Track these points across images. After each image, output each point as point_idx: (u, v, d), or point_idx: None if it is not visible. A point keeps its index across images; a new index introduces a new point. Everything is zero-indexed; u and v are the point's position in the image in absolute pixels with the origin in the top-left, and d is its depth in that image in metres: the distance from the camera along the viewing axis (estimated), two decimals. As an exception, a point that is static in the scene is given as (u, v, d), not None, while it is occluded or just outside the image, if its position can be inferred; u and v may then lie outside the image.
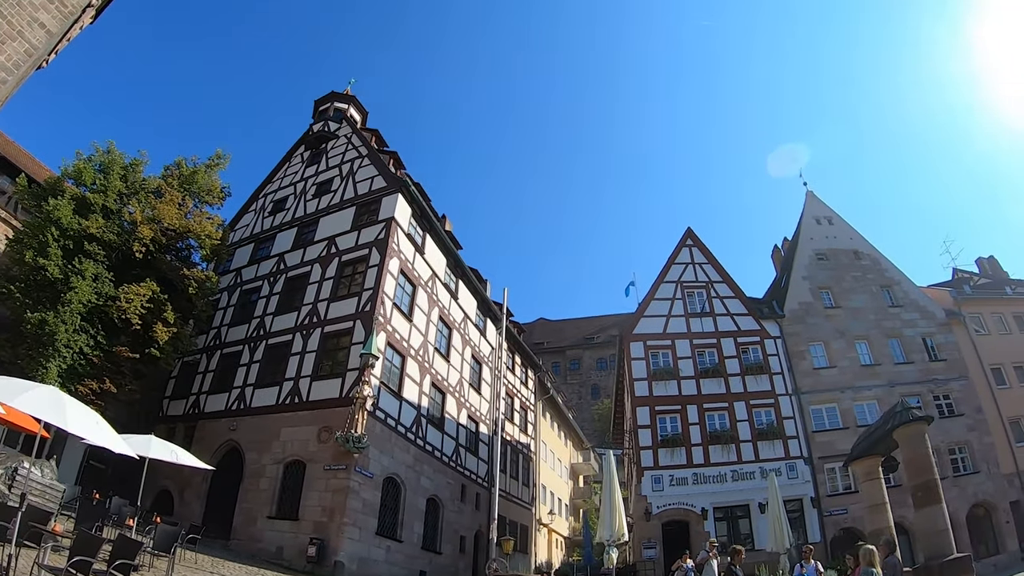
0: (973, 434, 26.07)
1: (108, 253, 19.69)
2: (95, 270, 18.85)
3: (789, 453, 24.60)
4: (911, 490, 12.58)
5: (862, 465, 14.46)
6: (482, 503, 26.57)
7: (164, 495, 20.93)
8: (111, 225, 19.91)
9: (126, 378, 19.92)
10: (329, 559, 16.85)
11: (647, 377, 25.89)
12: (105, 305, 18.93)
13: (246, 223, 27.45)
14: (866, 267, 30.43)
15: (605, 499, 16.23)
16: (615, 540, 15.75)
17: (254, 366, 21.90)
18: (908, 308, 29.30)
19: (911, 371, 27.41)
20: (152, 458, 12.99)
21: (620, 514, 16.03)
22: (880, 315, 28.89)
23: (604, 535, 15.72)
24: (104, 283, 19.07)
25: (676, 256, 29.21)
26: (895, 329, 28.54)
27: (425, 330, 23.22)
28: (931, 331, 28.67)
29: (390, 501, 19.89)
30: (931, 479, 11.97)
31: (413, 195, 23.58)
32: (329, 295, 21.73)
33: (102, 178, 20.38)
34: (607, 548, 15.73)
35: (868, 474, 14.34)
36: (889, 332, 28.39)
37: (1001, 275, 36.43)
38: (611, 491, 16.26)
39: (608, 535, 15.69)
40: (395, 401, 20.71)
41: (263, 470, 19.35)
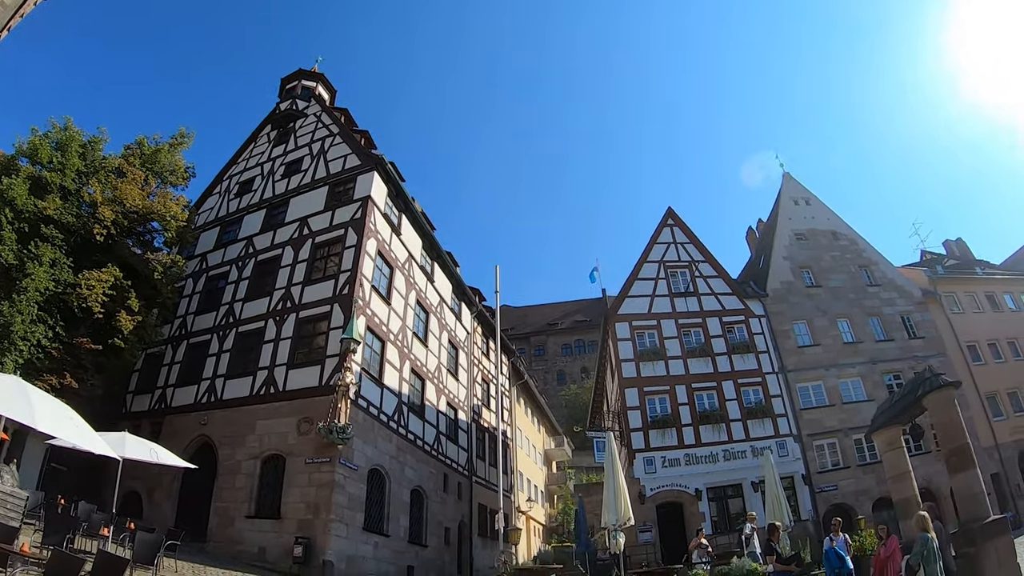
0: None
1: (67, 237, 18.21)
2: (53, 255, 17.34)
3: (779, 431, 24.30)
4: (945, 455, 12.14)
5: (884, 435, 13.93)
6: (464, 492, 25.63)
7: (132, 497, 19.27)
8: (69, 207, 18.44)
9: (88, 372, 18.35)
10: (317, 559, 15.65)
11: (634, 358, 25.23)
12: (64, 293, 17.40)
13: (210, 206, 25.80)
14: (844, 247, 30.53)
15: (608, 482, 15.38)
16: (621, 524, 14.93)
17: (224, 356, 20.42)
18: (886, 287, 29.50)
19: (892, 348, 27.50)
20: (129, 458, 11.60)
21: (625, 497, 15.26)
22: (860, 294, 28.98)
23: (609, 519, 14.89)
24: (63, 269, 17.55)
25: (658, 236, 28.60)
26: (875, 308, 28.65)
27: (403, 314, 22.08)
28: (909, 309, 28.94)
29: (375, 494, 18.72)
30: (964, 443, 11.47)
31: (389, 174, 22.40)
32: (303, 279, 20.40)
33: (59, 156, 18.86)
34: (613, 533, 14.88)
35: (890, 444, 13.84)
36: (869, 311, 28.48)
37: (969, 257, 36.99)
38: (614, 474, 15.44)
39: (614, 519, 14.87)
40: (376, 388, 19.54)
41: (238, 466, 17.96)
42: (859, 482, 24.06)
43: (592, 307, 73.76)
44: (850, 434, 24.85)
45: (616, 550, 14.75)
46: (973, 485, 11.08)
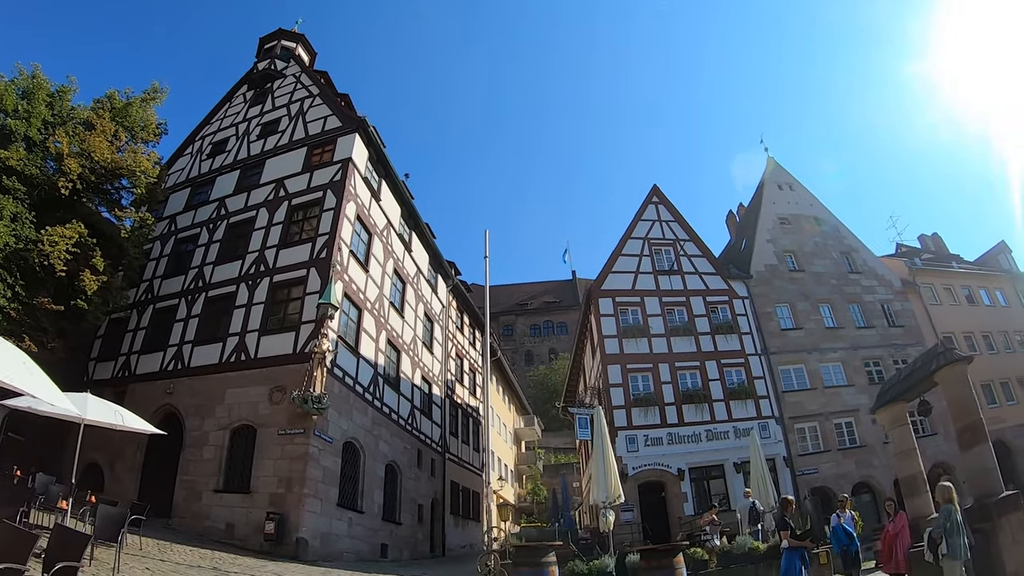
0: (930, 397, 25.79)
1: (29, 191, 16.83)
2: (14, 208, 16.00)
3: (761, 413, 23.83)
4: (957, 431, 11.68)
5: (890, 411, 13.43)
6: (437, 469, 24.81)
7: (93, 469, 18.07)
8: (34, 158, 17.08)
9: (48, 335, 17.01)
10: (290, 536, 14.67)
11: (617, 334, 24.49)
12: (25, 250, 16.01)
13: (181, 167, 24.34)
14: (826, 233, 30.23)
15: (597, 459, 14.70)
16: (611, 502, 14.27)
17: (192, 321, 19.20)
18: (867, 275, 29.32)
19: (872, 335, 27.31)
20: (90, 422, 10.49)
21: (615, 474, 14.62)
22: (841, 280, 28.71)
23: (599, 497, 14.23)
24: (24, 224, 16.17)
25: (643, 213, 27.87)
26: (856, 295, 28.42)
27: (381, 282, 21.04)
28: (888, 298, 28.79)
29: (349, 469, 17.73)
30: (977, 419, 10.97)
31: (371, 137, 21.27)
32: (278, 242, 19.24)
33: (25, 104, 17.42)
34: (603, 511, 14.20)
35: (896, 420, 13.37)
36: (850, 297, 28.23)
37: (944, 252, 37.10)
38: (603, 451, 14.76)
39: (604, 496, 14.21)
40: (353, 358, 18.53)
41: (206, 438, 16.84)
42: (839, 466, 23.79)
43: (562, 288, 73.25)
44: (831, 418, 24.59)
45: (606, 528, 14.07)
46: (986, 460, 10.63)
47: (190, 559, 11.67)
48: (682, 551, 11.25)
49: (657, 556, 10.98)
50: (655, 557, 10.98)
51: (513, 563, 10.76)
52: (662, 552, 11.14)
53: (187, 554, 12.14)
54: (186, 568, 10.55)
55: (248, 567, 11.81)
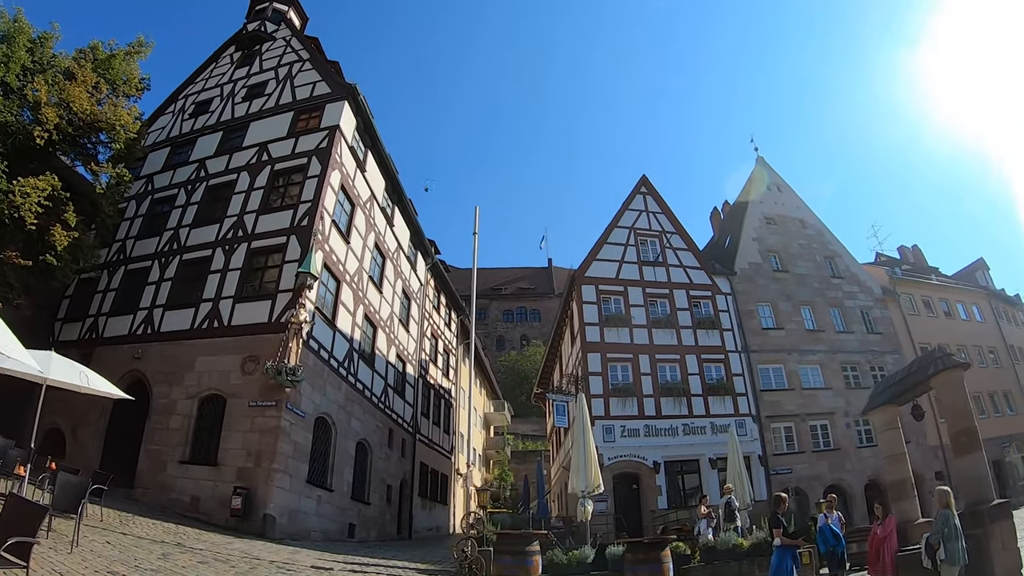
0: (904, 406, 26.05)
1: (3, 139, 15.99)
2: (-15, 156, 15.14)
3: (738, 410, 23.61)
4: (952, 436, 11.50)
5: (882, 414, 13.21)
6: (407, 450, 24.16)
7: (54, 434, 17.23)
8: (10, 105, 16.23)
9: (14, 291, 16.19)
10: (257, 512, 14.01)
11: (598, 322, 23.99)
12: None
13: (162, 126, 23.27)
14: (811, 236, 30.13)
15: (578, 447, 14.22)
16: (590, 491, 13.83)
17: (165, 285, 18.35)
18: (849, 280, 29.28)
19: (851, 340, 27.28)
20: (53, 383, 9.69)
21: (595, 463, 14.17)
22: (823, 284, 28.60)
23: (579, 486, 13.76)
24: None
25: (630, 202, 27.36)
26: (837, 299, 28.34)
27: (361, 255, 20.33)
28: (868, 305, 28.78)
29: (320, 445, 17.08)
30: (972, 426, 10.78)
31: (361, 106, 20.49)
32: (258, 207, 18.46)
33: (4, 48, 16.41)
34: (581, 500, 13.74)
35: (888, 423, 13.16)
36: (831, 301, 28.13)
37: (923, 264, 37.27)
38: (584, 439, 14.27)
39: (583, 486, 13.74)
40: (329, 331, 17.86)
41: (174, 406, 16.07)
42: (813, 467, 23.68)
43: (537, 276, 72.54)
44: (807, 419, 24.48)
45: (584, 518, 13.62)
46: (979, 467, 10.48)
47: (153, 533, 11.01)
48: (668, 545, 10.85)
49: (644, 549, 10.59)
50: (642, 550, 10.58)
51: (495, 551, 10.26)
52: (649, 545, 10.74)
53: (150, 528, 11.49)
54: (149, 543, 9.90)
55: (214, 544, 11.15)
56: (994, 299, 34.50)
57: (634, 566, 10.44)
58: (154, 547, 9.60)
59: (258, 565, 9.70)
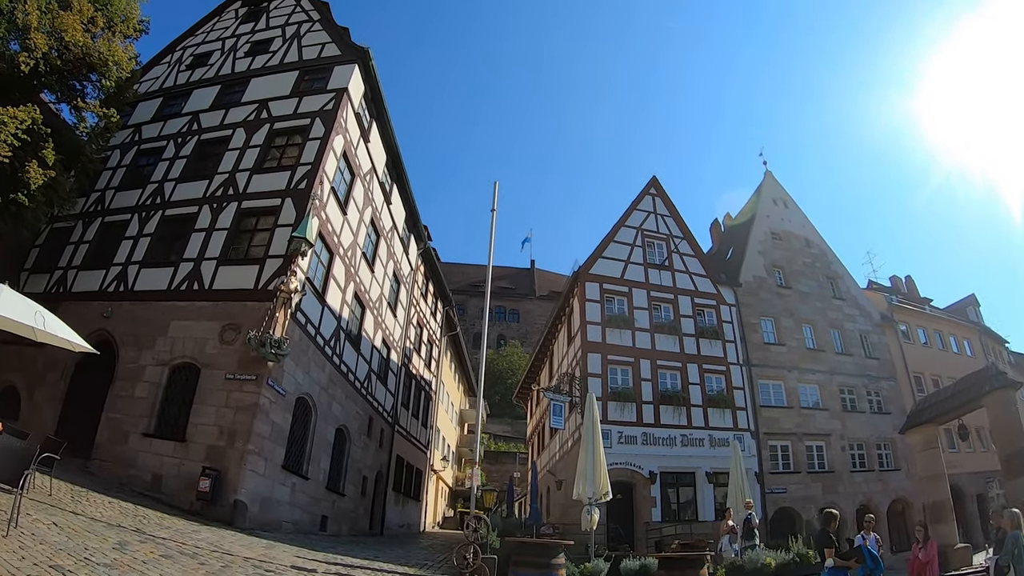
0: (897, 433, 25.05)
1: None
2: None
3: (737, 424, 22.26)
4: (1002, 458, 10.25)
5: (922, 433, 11.98)
6: (386, 441, 22.40)
7: (8, 393, 15.36)
8: (-6, 26, 14.35)
9: (-22, 232, 14.35)
10: (226, 497, 12.27)
11: (601, 322, 22.46)
12: None
13: (155, 75, 21.29)
14: (815, 255, 29.06)
15: (587, 451, 12.80)
16: (597, 498, 12.40)
17: (143, 240, 16.45)
18: (849, 303, 28.29)
19: (850, 363, 26.22)
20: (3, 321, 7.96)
21: (604, 468, 12.77)
22: (825, 304, 27.53)
23: (585, 492, 12.34)
24: None
25: (639, 202, 25.93)
26: (837, 320, 27.30)
27: (356, 230, 18.58)
28: (867, 329, 27.83)
29: (299, 428, 15.28)
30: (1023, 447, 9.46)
31: (371, 72, 18.81)
32: (253, 165, 16.67)
33: (-6, -35, 14.60)
34: (588, 508, 12.27)
35: (927, 443, 11.97)
36: (832, 322, 27.09)
37: (915, 295, 36.50)
38: (594, 442, 12.93)
39: (591, 492, 12.37)
40: (318, 306, 16.12)
41: (141, 372, 14.19)
42: (807, 488, 22.47)
43: (519, 276, 70.97)
44: (804, 439, 23.29)
45: (591, 527, 12.15)
46: None
47: (109, 514, 9.25)
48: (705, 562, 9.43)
49: (681, 566, 9.10)
50: (679, 567, 9.09)
51: (513, 562, 8.69)
52: (687, 561, 9.28)
53: (105, 507, 9.74)
54: (103, 527, 8.15)
55: (178, 531, 9.41)
56: (984, 336, 33.82)
57: None
58: (109, 533, 7.86)
59: (231, 563, 7.99)
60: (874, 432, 24.76)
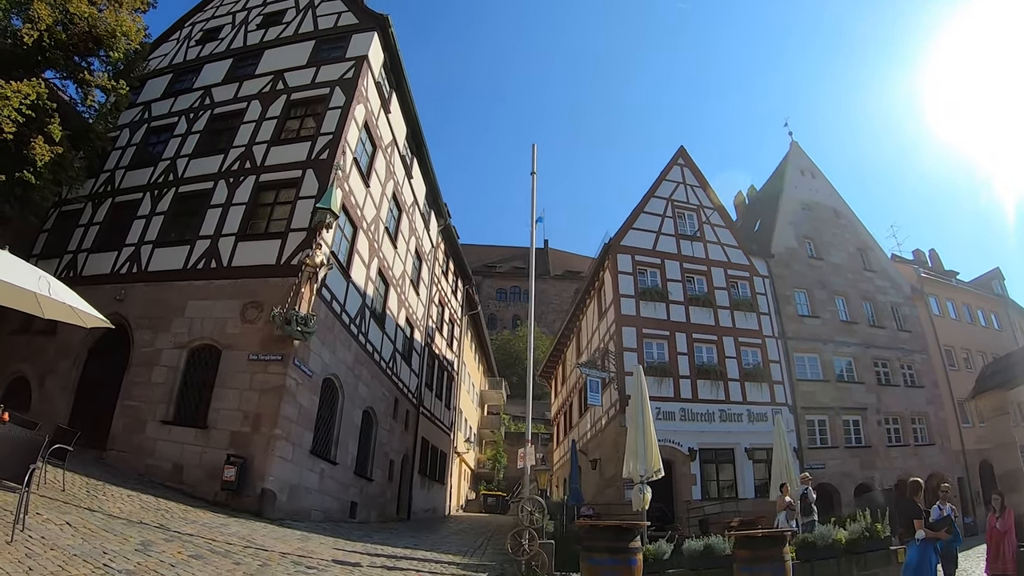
0: (931, 407, 24.16)
1: None
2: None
3: (775, 399, 20.99)
4: None
5: (992, 399, 10.79)
6: (411, 423, 21.30)
7: (19, 383, 14.32)
8: (-2, 0, 13.24)
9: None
10: (253, 486, 11.18)
11: (634, 295, 21.15)
12: None
13: (164, 52, 20.01)
14: (844, 226, 27.60)
15: (636, 427, 11.57)
16: (648, 476, 11.16)
17: (156, 219, 15.25)
18: (880, 275, 26.89)
19: (883, 336, 24.87)
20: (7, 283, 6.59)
21: (655, 445, 11.44)
22: (856, 276, 26.13)
23: (636, 470, 11.12)
24: None
25: (667, 173, 24.50)
26: (869, 292, 25.91)
27: (379, 204, 17.32)
28: (898, 302, 26.46)
29: (326, 411, 14.15)
30: None
31: (390, 40, 17.50)
32: (270, 137, 15.43)
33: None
34: (639, 487, 11.10)
35: (997, 408, 10.85)
36: (864, 294, 25.70)
37: (940, 269, 35.05)
38: (643, 417, 11.67)
39: (642, 470, 11.10)
40: (343, 282, 14.94)
41: (158, 356, 13.07)
42: (844, 464, 21.28)
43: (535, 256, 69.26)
44: (841, 413, 22.04)
45: (642, 507, 10.98)
46: None
47: (128, 509, 8.14)
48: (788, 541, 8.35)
49: (765, 545, 8.00)
50: (762, 546, 7.99)
51: (584, 547, 7.58)
52: (769, 540, 8.17)
53: (124, 501, 8.63)
54: (123, 525, 7.04)
55: (205, 526, 8.29)
56: (1010, 309, 32.39)
57: (751, 565, 7.90)
58: (130, 531, 6.72)
59: (268, 560, 6.85)
60: (908, 406, 23.52)
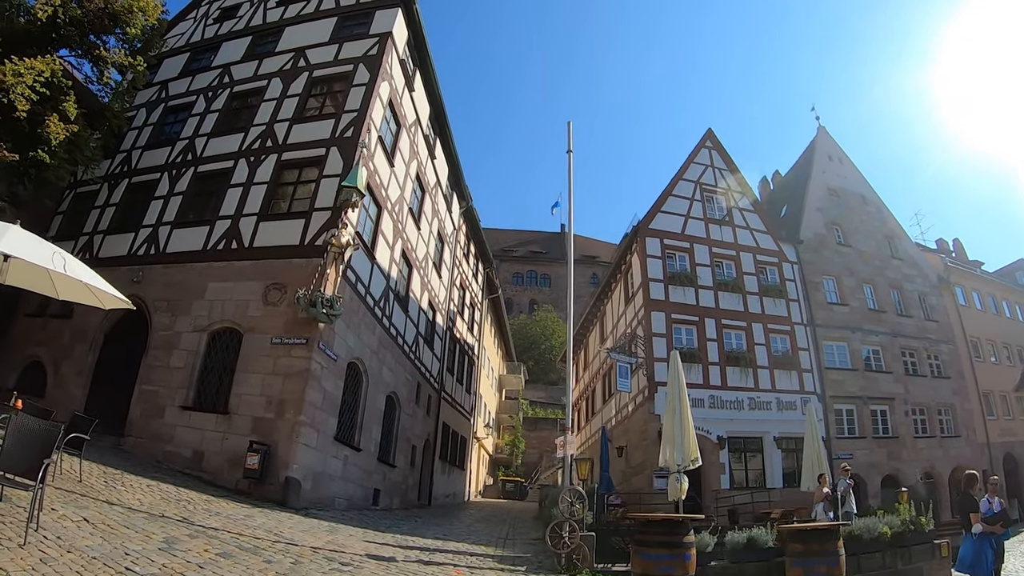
0: (956, 398, 23.44)
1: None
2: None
3: (804, 387, 20.15)
4: None
5: None
6: (432, 408, 20.69)
7: (34, 369, 13.86)
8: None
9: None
10: (276, 474, 10.60)
11: (663, 279, 20.34)
12: None
13: (181, 32, 19.33)
14: (871, 213, 26.53)
15: (673, 414, 10.86)
16: (685, 465, 10.48)
17: (175, 200, 14.63)
18: (907, 263, 25.88)
19: (910, 325, 23.96)
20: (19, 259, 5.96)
21: (692, 432, 10.76)
22: (884, 263, 25.13)
23: (674, 458, 10.44)
24: None
25: (695, 156, 23.54)
26: (896, 281, 24.94)
27: (403, 184, 16.60)
28: (925, 291, 25.49)
29: (350, 396, 13.53)
30: None
31: (414, 16, 16.70)
32: (292, 115, 14.72)
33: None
34: (676, 476, 10.41)
35: None
36: (891, 282, 24.73)
37: (963, 258, 34.03)
38: (680, 403, 10.94)
39: (679, 459, 10.41)
40: (367, 263, 14.25)
41: (177, 340, 12.50)
42: (872, 455, 20.51)
43: (549, 240, 67.96)
44: (868, 403, 21.18)
45: (679, 496, 10.31)
46: None
47: (149, 500, 7.55)
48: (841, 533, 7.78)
49: (819, 539, 7.45)
50: (816, 540, 7.44)
51: (637, 542, 6.96)
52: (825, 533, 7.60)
53: (144, 491, 8.05)
54: (144, 519, 6.43)
55: (230, 518, 7.68)
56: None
57: (806, 559, 7.38)
58: (152, 527, 6.10)
59: (300, 556, 6.25)
60: (935, 397, 22.72)
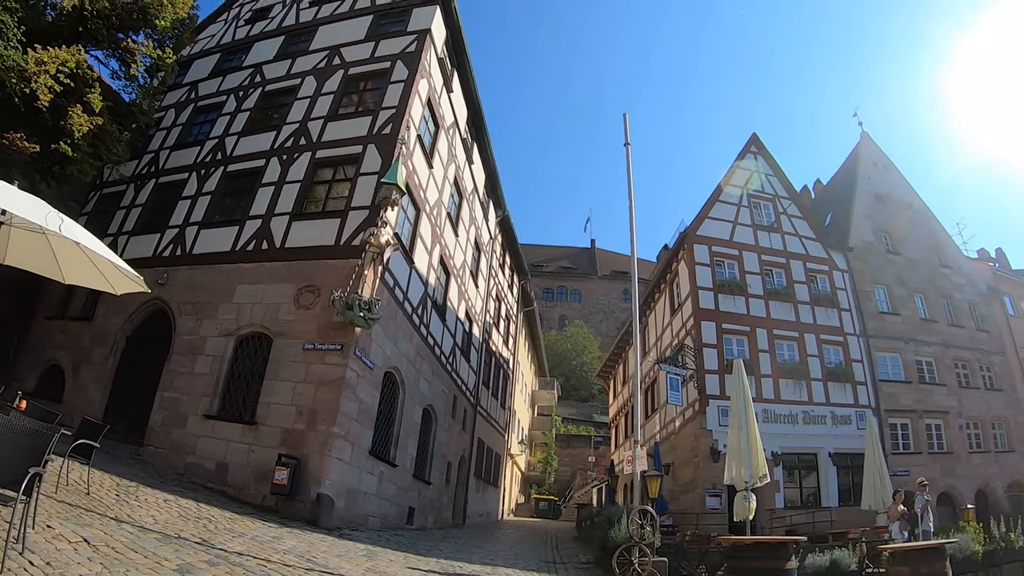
0: (1009, 412, 21.65)
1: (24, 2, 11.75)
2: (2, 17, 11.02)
3: (858, 401, 18.69)
4: None
5: None
6: (468, 422, 19.48)
7: (52, 372, 12.99)
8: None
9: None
10: (307, 490, 9.49)
11: (712, 287, 19.11)
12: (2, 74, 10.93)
13: (211, 33, 18.62)
14: (918, 220, 24.90)
15: (739, 429, 9.76)
16: (753, 483, 9.42)
17: (203, 200, 13.72)
18: (956, 272, 24.25)
19: (962, 335, 22.29)
20: None
21: (759, 448, 9.76)
22: (933, 272, 23.53)
23: (741, 475, 9.34)
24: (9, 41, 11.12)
25: (740, 160, 22.30)
26: (946, 289, 23.33)
27: (441, 187, 15.58)
28: (975, 300, 23.79)
29: (386, 407, 12.36)
30: None
31: (453, 14, 15.74)
32: (327, 113, 13.77)
33: None
34: (744, 494, 9.18)
35: None
36: (942, 291, 23.12)
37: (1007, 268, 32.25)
38: (746, 417, 9.77)
39: (748, 476, 9.41)
40: (405, 267, 13.15)
41: (202, 344, 11.49)
42: (926, 470, 18.61)
43: (579, 256, 66.74)
44: (923, 416, 19.60)
45: (747, 516, 9.07)
46: None
47: (164, 518, 6.41)
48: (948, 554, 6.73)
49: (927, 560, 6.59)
50: (924, 562, 6.57)
51: (729, 569, 5.82)
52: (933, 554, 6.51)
53: (160, 507, 6.93)
54: (157, 541, 5.31)
55: (256, 540, 6.53)
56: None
57: None
58: (165, 551, 4.97)
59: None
60: (988, 410, 21.11)
